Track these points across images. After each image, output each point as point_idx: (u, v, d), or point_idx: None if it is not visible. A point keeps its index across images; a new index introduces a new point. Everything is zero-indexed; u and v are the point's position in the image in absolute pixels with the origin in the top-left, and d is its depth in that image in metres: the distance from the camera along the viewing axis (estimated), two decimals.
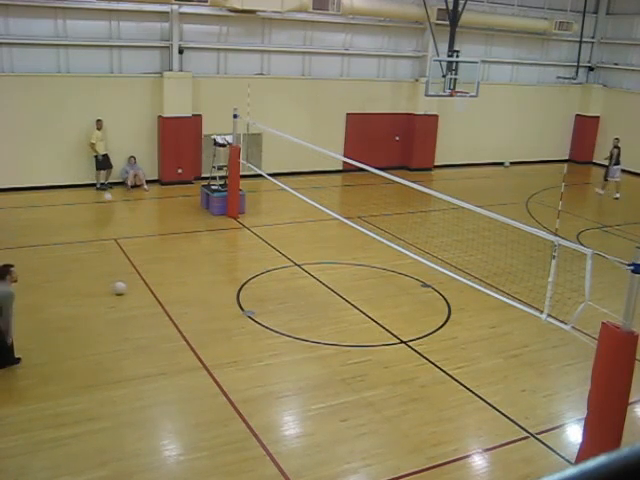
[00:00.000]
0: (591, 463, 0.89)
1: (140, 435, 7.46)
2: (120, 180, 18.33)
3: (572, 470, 0.89)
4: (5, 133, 16.94)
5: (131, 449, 7.14)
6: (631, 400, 7.12)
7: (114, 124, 17.94)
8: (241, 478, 6.83)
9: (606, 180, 20.65)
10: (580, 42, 24.55)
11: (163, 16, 18.28)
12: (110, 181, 18.16)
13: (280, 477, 6.81)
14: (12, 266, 8.68)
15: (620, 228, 15.99)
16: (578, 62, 25.01)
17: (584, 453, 7.09)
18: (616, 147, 20.85)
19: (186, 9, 18.31)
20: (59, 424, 7.46)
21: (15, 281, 8.71)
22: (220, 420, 7.77)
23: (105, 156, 17.84)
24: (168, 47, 18.51)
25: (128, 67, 18.29)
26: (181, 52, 18.60)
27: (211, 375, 8.74)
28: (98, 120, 17.61)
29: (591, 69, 26.23)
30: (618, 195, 20.04)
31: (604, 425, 6.89)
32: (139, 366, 8.92)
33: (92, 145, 17.63)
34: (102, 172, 17.99)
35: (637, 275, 6.64)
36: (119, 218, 16.80)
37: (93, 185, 17.98)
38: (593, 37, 25.85)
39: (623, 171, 21.02)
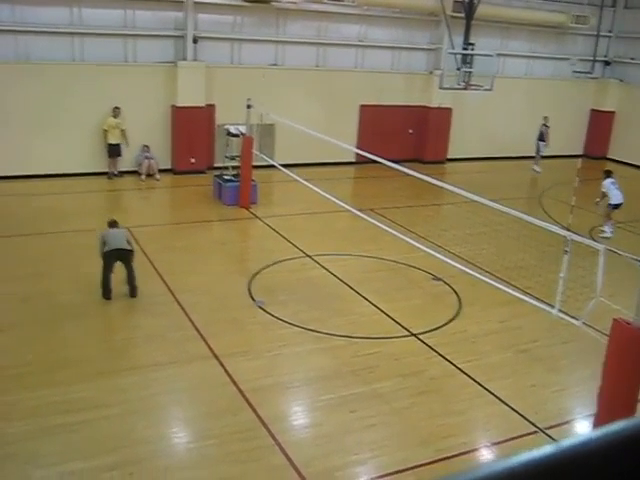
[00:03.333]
0: (568, 441, 0.90)
1: (149, 422, 7.51)
2: (133, 169, 18.38)
3: (550, 447, 0.91)
4: (19, 121, 17.02)
5: (140, 436, 7.19)
6: None
7: (128, 113, 17.96)
8: (249, 466, 6.87)
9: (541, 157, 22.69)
10: (597, 36, 24.33)
11: (178, 5, 18.28)
12: (122, 169, 18.21)
13: (288, 467, 6.85)
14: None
15: (633, 224, 15.89)
16: (594, 56, 24.79)
17: None
18: (544, 125, 22.65)
19: None
20: (69, 410, 7.53)
21: None
22: (229, 409, 7.81)
23: (113, 145, 17.88)
24: (182, 36, 18.51)
25: (142, 56, 18.32)
26: (195, 42, 18.59)
27: (221, 364, 8.78)
28: (115, 108, 17.65)
29: (607, 63, 26.01)
30: (538, 169, 22.45)
31: (614, 420, 6.87)
32: (149, 354, 8.98)
33: (104, 132, 17.71)
34: (113, 160, 18.03)
35: None
36: (132, 207, 16.85)
37: (105, 174, 18.04)
38: (610, 31, 25.60)
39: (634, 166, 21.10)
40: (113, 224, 10.80)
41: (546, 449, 0.89)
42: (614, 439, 0.91)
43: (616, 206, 15.20)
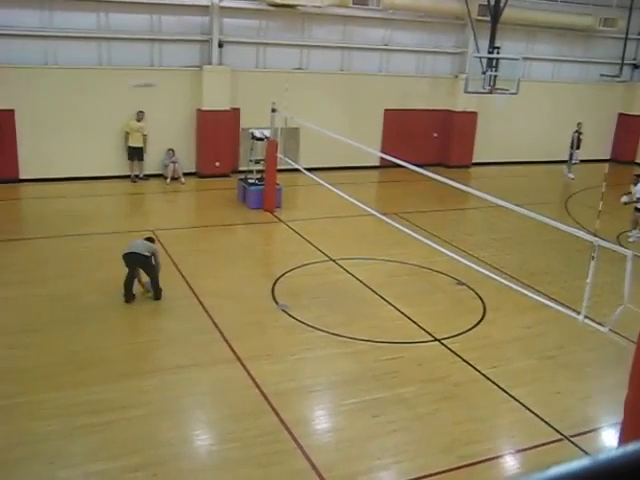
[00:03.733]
0: (604, 455, 0.89)
1: (173, 424, 7.55)
2: (158, 172, 18.52)
3: (585, 461, 0.89)
4: (47, 124, 17.24)
5: (164, 438, 7.23)
6: None
7: (154, 117, 18.13)
8: (272, 470, 6.87)
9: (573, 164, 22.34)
10: (625, 39, 24.03)
11: (203, 10, 18.41)
12: (147, 173, 18.36)
13: (311, 471, 6.83)
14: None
15: None
16: (623, 59, 24.50)
17: None
18: (577, 132, 22.33)
19: (226, 3, 18.43)
20: (94, 411, 7.58)
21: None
22: (252, 412, 7.81)
23: (134, 148, 18.02)
24: (208, 41, 18.63)
25: (168, 60, 18.47)
26: (221, 46, 18.71)
27: (244, 367, 8.80)
28: (139, 112, 17.83)
29: (636, 67, 25.68)
30: (572, 176, 21.99)
31: None
32: (173, 356, 9.02)
33: (125, 134, 17.91)
34: (134, 163, 18.18)
35: None
36: (156, 210, 16.98)
37: (129, 176, 18.23)
38: (639, 34, 25.28)
39: None
40: (148, 239, 11.11)
41: (582, 462, 0.88)
42: None
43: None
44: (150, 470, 6.69)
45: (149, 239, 11.06)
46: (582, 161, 23.69)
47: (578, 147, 22.17)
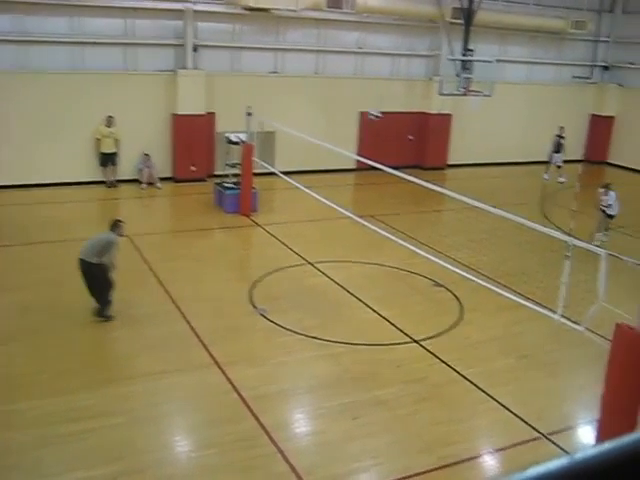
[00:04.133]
0: (581, 454, 0.90)
1: (152, 431, 7.50)
2: (133, 177, 18.40)
3: (563, 460, 0.90)
4: (20, 130, 17.06)
5: (144, 445, 7.18)
6: None
7: (129, 121, 18.01)
8: (252, 475, 6.85)
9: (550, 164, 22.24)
10: (596, 41, 24.37)
11: (178, 14, 18.33)
12: (122, 178, 18.22)
13: (291, 474, 6.83)
14: (122, 222, 10.22)
15: (635, 229, 15.88)
16: (594, 61, 24.82)
17: None
18: (558, 136, 22.16)
19: (201, 7, 18.38)
20: (73, 419, 7.51)
21: (122, 235, 10.25)
22: (232, 417, 7.79)
23: (107, 154, 17.88)
24: (182, 45, 18.56)
25: (143, 65, 18.37)
26: (195, 50, 18.65)
27: (223, 372, 8.77)
28: (108, 117, 17.68)
29: (606, 68, 26.05)
30: (562, 179, 21.46)
31: (616, 426, 6.85)
32: (152, 363, 8.96)
33: (97, 140, 17.78)
34: (108, 169, 18.03)
35: None
36: (132, 215, 16.79)
37: (104, 182, 18.08)
38: (609, 36, 25.65)
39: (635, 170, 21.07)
40: (112, 225, 10.13)
41: (560, 462, 0.89)
42: (627, 451, 0.90)
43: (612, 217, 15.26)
44: (130, 478, 6.65)
45: (114, 225, 10.06)
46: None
47: (558, 151, 22.08)
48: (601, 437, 7.03)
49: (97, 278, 9.78)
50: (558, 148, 22.09)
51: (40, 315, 10.16)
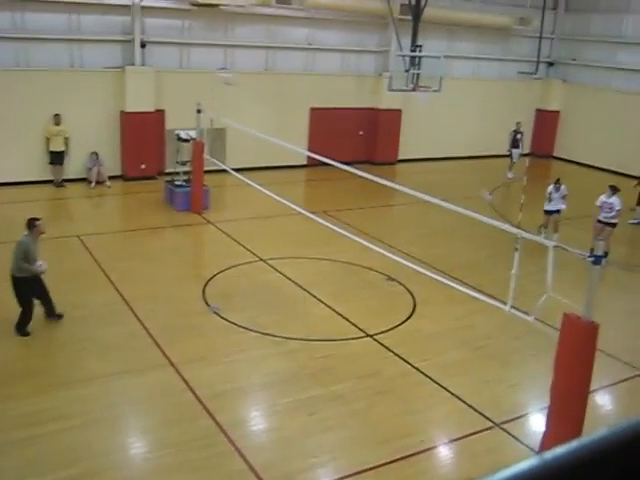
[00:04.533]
0: (550, 453, 0.92)
1: (108, 433, 7.41)
2: (82, 177, 18.08)
3: (534, 460, 0.92)
4: None
5: (99, 447, 7.08)
6: (592, 388, 7.29)
7: (76, 119, 17.67)
8: (209, 474, 6.82)
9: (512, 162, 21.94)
10: (540, 38, 24.87)
11: (124, 9, 18.05)
12: (69, 177, 17.88)
13: (248, 472, 6.83)
14: (39, 219, 9.56)
15: (580, 220, 16.28)
16: (538, 57, 25.33)
17: (547, 441, 7.23)
18: (516, 132, 22.06)
19: (148, 2, 18.12)
20: (26, 424, 7.37)
21: (42, 232, 9.69)
22: (187, 416, 7.75)
23: (56, 153, 17.57)
24: (130, 41, 18.29)
25: (89, 61, 18.04)
26: (143, 46, 18.39)
27: (178, 372, 8.70)
28: (55, 115, 17.35)
29: (551, 64, 26.63)
30: (510, 175, 21.39)
31: (566, 413, 7.04)
32: (105, 364, 8.84)
33: (46, 139, 17.44)
34: (56, 167, 17.70)
35: (597, 266, 6.79)
36: (81, 215, 16.57)
37: (52, 182, 17.72)
38: (552, 33, 26.22)
39: (579, 163, 21.49)
40: (27, 225, 9.48)
41: (530, 462, 0.91)
42: (597, 448, 0.93)
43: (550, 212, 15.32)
44: None
45: (28, 225, 9.42)
46: (504, 155, 24.35)
47: (517, 146, 22.03)
48: (551, 424, 7.20)
49: (18, 290, 9.33)
50: (516, 143, 22.12)
51: None
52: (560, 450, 0.91)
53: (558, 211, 15.29)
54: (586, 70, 25.36)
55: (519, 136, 22.17)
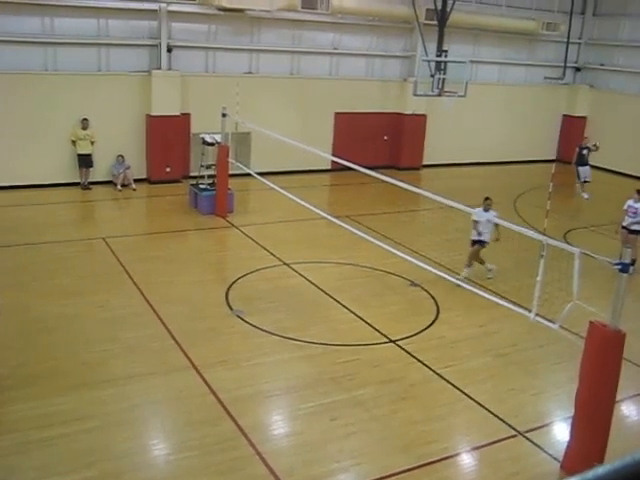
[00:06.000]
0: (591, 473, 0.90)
1: (129, 434, 7.44)
2: (108, 179, 18.25)
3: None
4: None
5: (120, 449, 7.12)
6: (618, 398, 7.18)
7: (102, 122, 17.85)
8: (231, 477, 6.82)
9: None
10: (567, 43, 24.66)
11: (151, 14, 18.21)
12: (95, 180, 18.06)
13: (270, 476, 6.82)
14: None
15: (607, 227, 16.08)
16: (565, 63, 25.11)
17: (572, 451, 7.14)
18: (582, 147, 20.41)
19: (174, 7, 18.26)
20: (47, 424, 7.42)
21: None
22: (209, 419, 7.76)
23: (84, 155, 17.76)
24: (156, 45, 18.44)
25: (116, 65, 18.21)
26: (170, 50, 18.54)
27: (200, 375, 8.73)
28: (83, 119, 17.55)
29: (578, 69, 26.37)
30: (586, 196, 19.90)
31: (591, 423, 6.94)
32: (128, 366, 8.89)
33: (72, 143, 17.64)
34: (83, 170, 17.89)
35: (624, 274, 6.70)
36: (107, 217, 16.72)
37: (78, 184, 17.91)
38: (580, 38, 25.98)
39: (607, 170, 21.17)
40: None
41: None
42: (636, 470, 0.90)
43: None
44: None
45: None
46: (529, 161, 24.21)
47: (583, 164, 20.20)
48: (576, 433, 7.11)
49: None
50: (582, 160, 20.27)
51: (12, 319, 10.00)
52: (602, 470, 0.89)
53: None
54: (614, 75, 25.07)
55: (585, 152, 20.35)
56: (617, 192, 20.87)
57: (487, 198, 12.70)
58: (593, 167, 21.16)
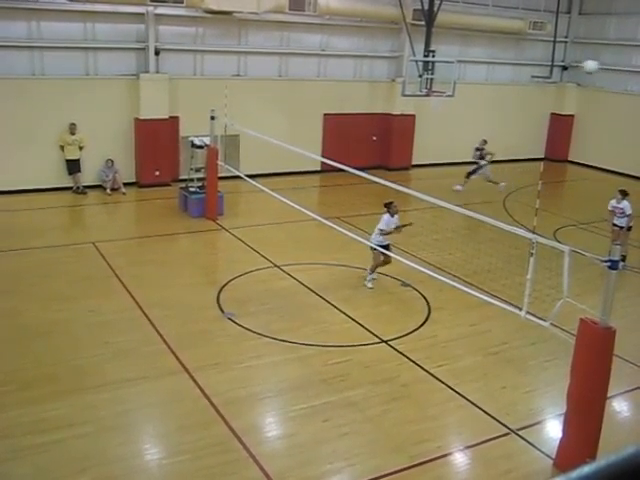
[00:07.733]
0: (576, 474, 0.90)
1: (122, 439, 7.42)
2: (97, 183, 18.19)
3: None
4: None
5: (113, 454, 7.09)
6: (609, 394, 7.22)
7: (90, 127, 17.78)
8: None
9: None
10: (554, 42, 24.77)
11: (139, 18, 18.16)
12: (86, 184, 18.00)
13: (263, 478, 6.81)
14: None
15: (596, 225, 16.17)
16: (552, 61, 25.23)
17: (564, 448, 7.17)
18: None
19: (162, 10, 18.21)
20: (40, 430, 7.39)
21: None
22: (202, 423, 7.74)
23: (72, 161, 17.70)
24: (144, 49, 18.39)
25: (104, 69, 18.16)
26: (157, 54, 18.49)
27: (192, 378, 8.71)
28: (71, 124, 17.48)
29: (565, 68, 26.50)
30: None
31: (583, 420, 6.97)
32: (120, 370, 8.86)
33: (60, 147, 17.57)
34: (73, 176, 17.83)
35: (613, 271, 6.73)
36: (97, 221, 16.66)
37: (69, 188, 17.83)
38: (566, 37, 26.12)
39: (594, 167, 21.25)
40: None
41: None
42: (622, 467, 0.91)
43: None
44: None
45: None
46: (518, 160, 24.28)
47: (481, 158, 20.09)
48: (568, 431, 7.14)
49: None
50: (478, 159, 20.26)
51: (3, 324, 9.96)
52: (586, 470, 0.89)
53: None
54: (601, 74, 25.18)
55: (482, 152, 20.04)
56: (605, 190, 21.00)
57: (391, 202, 12.26)
58: (583, 165, 21.26)
